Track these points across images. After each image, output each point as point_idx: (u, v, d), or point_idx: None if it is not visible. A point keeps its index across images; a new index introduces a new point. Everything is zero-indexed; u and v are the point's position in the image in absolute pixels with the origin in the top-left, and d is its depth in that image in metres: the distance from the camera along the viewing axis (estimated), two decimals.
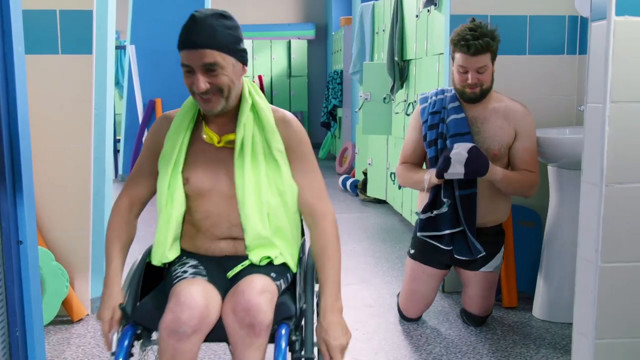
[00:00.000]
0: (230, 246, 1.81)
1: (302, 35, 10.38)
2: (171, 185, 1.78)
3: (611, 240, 1.81)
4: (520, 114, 2.66)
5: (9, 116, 1.75)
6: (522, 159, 2.65)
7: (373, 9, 5.74)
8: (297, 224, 1.88)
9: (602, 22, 1.76)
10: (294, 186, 1.81)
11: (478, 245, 2.61)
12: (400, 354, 2.58)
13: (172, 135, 1.79)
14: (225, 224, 1.79)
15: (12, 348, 1.81)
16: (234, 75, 1.71)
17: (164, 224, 1.78)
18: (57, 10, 2.78)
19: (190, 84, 1.70)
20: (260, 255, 1.76)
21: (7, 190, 1.75)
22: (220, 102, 1.71)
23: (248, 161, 1.75)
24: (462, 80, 2.60)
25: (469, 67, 2.55)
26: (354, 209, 5.45)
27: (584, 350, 1.90)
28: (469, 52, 2.52)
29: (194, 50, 1.66)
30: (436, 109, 2.72)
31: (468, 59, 2.54)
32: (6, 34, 1.71)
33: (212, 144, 1.78)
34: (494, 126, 2.63)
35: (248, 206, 1.73)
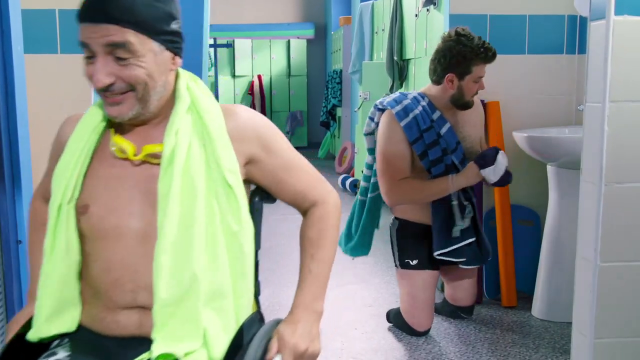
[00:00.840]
0: (135, 321, 1.20)
1: (301, 34, 10.38)
2: (60, 219, 1.20)
3: (610, 239, 1.81)
4: (479, 106, 2.75)
5: (8, 116, 1.75)
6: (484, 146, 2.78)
7: (372, 9, 5.74)
8: (251, 285, 1.28)
9: (602, 22, 1.76)
10: (251, 226, 1.26)
11: (489, 246, 2.69)
12: (399, 354, 2.58)
13: (71, 145, 1.27)
14: (130, 283, 1.18)
15: None
16: (156, 67, 1.18)
17: (44, 279, 1.21)
18: (57, 10, 2.77)
19: (90, 75, 1.25)
20: (169, 344, 1.14)
21: (6, 190, 1.75)
22: (133, 105, 1.18)
23: (178, 184, 1.16)
24: (474, 89, 2.58)
25: (483, 74, 2.58)
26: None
27: (583, 349, 1.90)
28: (492, 59, 2.55)
29: (94, 24, 1.18)
30: (427, 124, 2.56)
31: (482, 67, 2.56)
32: (5, 34, 1.71)
33: (127, 158, 1.22)
34: (470, 126, 2.68)
35: (163, 252, 1.13)
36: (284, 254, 4.06)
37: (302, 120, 10.36)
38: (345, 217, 5.00)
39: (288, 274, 3.62)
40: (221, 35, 9.86)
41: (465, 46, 2.50)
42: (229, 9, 10.40)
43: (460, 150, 2.59)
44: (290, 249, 4.16)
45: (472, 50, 2.50)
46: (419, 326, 2.72)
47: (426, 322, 2.73)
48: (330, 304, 3.14)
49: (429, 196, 2.58)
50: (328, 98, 8.75)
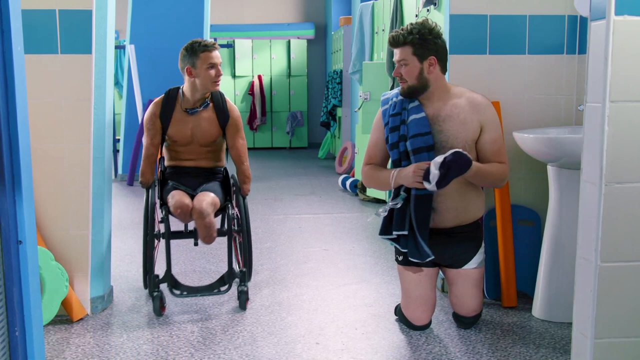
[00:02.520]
0: None
1: (301, 35, 10.38)
2: None
3: (610, 239, 1.81)
4: (483, 106, 2.64)
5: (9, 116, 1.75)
6: (491, 150, 2.65)
7: (373, 9, 5.74)
8: None
9: (602, 22, 1.76)
10: None
11: (427, 249, 2.58)
12: (399, 354, 2.58)
13: None
14: None
15: (11, 348, 1.81)
16: None
17: None
18: (57, 10, 2.78)
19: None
20: None
21: (6, 190, 1.75)
22: None
23: None
24: (393, 74, 2.71)
25: (394, 58, 2.67)
26: (353, 209, 5.45)
27: (583, 349, 1.90)
28: (388, 43, 2.69)
29: None
30: (397, 110, 2.69)
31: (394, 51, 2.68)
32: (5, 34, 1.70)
33: None
34: (456, 122, 2.62)
35: None
36: (284, 254, 4.06)
37: (302, 120, 10.36)
38: (347, 217, 5.01)
39: (288, 274, 3.62)
40: (221, 35, 9.86)
41: None
42: (230, 9, 10.40)
43: (424, 140, 2.58)
44: (291, 249, 4.16)
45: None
46: (415, 320, 2.76)
47: (421, 317, 2.75)
48: (331, 303, 3.14)
49: (379, 184, 2.75)
50: (328, 98, 8.76)
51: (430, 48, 2.59)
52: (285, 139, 10.41)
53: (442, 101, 2.65)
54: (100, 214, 2.98)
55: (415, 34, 2.57)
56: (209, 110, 3.18)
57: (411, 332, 2.78)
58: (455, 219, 2.67)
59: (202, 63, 3.05)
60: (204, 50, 3.05)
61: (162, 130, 3.16)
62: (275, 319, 2.94)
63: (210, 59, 3.06)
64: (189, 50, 3.06)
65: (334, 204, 5.69)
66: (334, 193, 6.26)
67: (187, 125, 3.15)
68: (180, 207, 2.97)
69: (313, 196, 6.10)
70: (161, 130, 3.16)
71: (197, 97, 3.13)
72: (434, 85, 2.63)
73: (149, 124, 3.15)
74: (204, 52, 3.05)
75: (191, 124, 3.15)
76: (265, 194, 6.19)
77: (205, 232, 2.99)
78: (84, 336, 2.74)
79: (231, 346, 2.62)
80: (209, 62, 3.06)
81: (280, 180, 7.12)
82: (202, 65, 3.05)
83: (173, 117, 3.13)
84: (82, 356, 2.55)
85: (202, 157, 3.23)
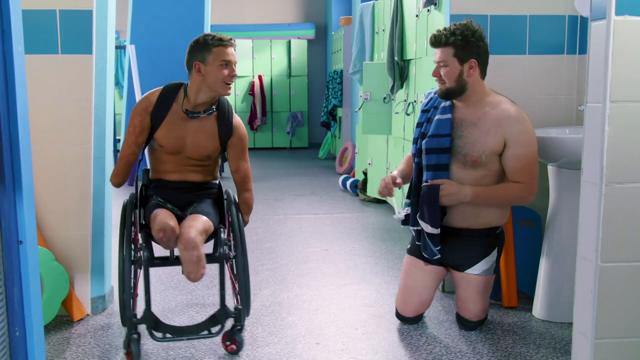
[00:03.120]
0: None
1: (302, 35, 10.38)
2: None
3: (611, 239, 1.81)
4: (512, 121, 2.54)
5: (9, 116, 1.75)
6: (512, 167, 2.56)
7: (373, 9, 5.74)
8: None
9: (602, 22, 1.76)
10: None
11: (432, 247, 2.61)
12: (400, 354, 2.58)
13: None
14: None
15: (12, 348, 1.81)
16: None
17: None
18: (57, 10, 2.78)
19: None
20: None
21: (7, 190, 1.75)
22: None
23: None
24: (432, 74, 2.68)
25: (434, 59, 2.64)
26: (353, 209, 5.45)
27: (584, 349, 1.90)
28: (430, 43, 2.66)
29: None
30: (428, 106, 2.73)
31: (435, 51, 2.64)
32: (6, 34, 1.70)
33: None
34: (480, 131, 2.56)
35: None
36: (284, 254, 4.06)
37: (303, 120, 10.35)
38: (348, 217, 5.01)
39: (288, 274, 3.62)
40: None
41: None
42: (230, 10, 10.40)
43: (439, 142, 2.59)
44: (291, 249, 4.16)
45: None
46: (399, 308, 2.85)
47: (404, 308, 2.82)
48: (331, 304, 3.14)
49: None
50: (329, 98, 8.75)
51: (472, 51, 2.55)
52: (285, 139, 10.41)
53: (476, 107, 2.61)
54: (100, 214, 2.98)
55: (458, 35, 2.54)
56: (211, 119, 2.66)
57: (412, 332, 2.78)
58: (463, 221, 2.66)
59: (214, 59, 2.56)
60: (218, 45, 2.56)
61: (150, 130, 2.64)
62: (275, 319, 2.94)
63: (225, 55, 2.57)
64: (201, 43, 2.58)
65: (334, 204, 5.69)
66: (334, 193, 6.26)
67: (181, 130, 2.62)
68: (163, 229, 2.41)
69: (313, 196, 6.10)
70: (149, 130, 2.64)
71: (201, 99, 2.61)
72: (471, 89, 2.59)
73: (136, 118, 2.61)
74: (217, 46, 2.56)
75: (187, 130, 2.63)
76: (265, 194, 6.19)
77: (190, 268, 2.39)
78: (84, 336, 2.74)
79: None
80: (223, 59, 2.56)
81: (281, 181, 7.12)
82: (214, 61, 2.56)
83: (167, 117, 2.62)
84: (82, 356, 2.55)
85: (190, 170, 2.70)
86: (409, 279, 2.81)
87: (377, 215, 5.17)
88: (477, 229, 2.66)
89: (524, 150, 2.55)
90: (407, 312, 2.83)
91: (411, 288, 2.80)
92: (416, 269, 2.78)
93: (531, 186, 2.57)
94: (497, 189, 2.59)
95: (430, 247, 2.63)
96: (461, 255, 2.69)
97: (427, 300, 2.81)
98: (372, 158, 5.61)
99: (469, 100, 2.62)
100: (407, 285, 2.82)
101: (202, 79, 2.58)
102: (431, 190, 2.55)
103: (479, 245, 2.68)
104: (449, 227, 2.66)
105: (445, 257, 2.70)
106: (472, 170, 2.58)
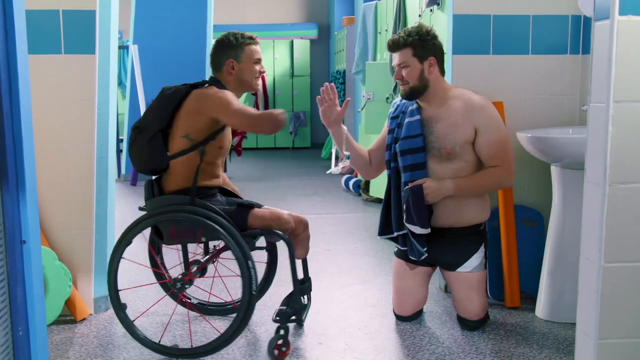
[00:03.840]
0: None
1: (304, 35, 10.38)
2: None
3: (614, 240, 1.81)
4: (478, 108, 2.63)
5: (12, 116, 1.75)
6: (487, 154, 2.63)
7: (376, 9, 5.73)
8: None
9: (606, 22, 1.75)
10: None
11: (419, 247, 2.64)
12: (402, 354, 2.58)
13: None
14: None
15: (15, 347, 1.81)
16: None
17: None
18: (60, 10, 2.78)
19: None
20: None
21: (10, 190, 1.75)
22: None
23: None
24: (394, 78, 2.75)
25: (394, 63, 2.71)
26: (356, 209, 5.45)
27: (587, 350, 1.90)
28: (387, 48, 2.72)
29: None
30: (396, 113, 2.81)
31: (392, 56, 2.73)
32: (9, 34, 1.71)
33: None
34: (447, 124, 2.64)
35: None
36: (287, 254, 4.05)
37: (305, 120, 10.36)
38: (350, 217, 5.00)
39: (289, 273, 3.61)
40: None
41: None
42: (232, 10, 10.40)
43: (412, 142, 2.65)
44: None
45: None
46: (398, 311, 2.91)
47: (403, 309, 2.88)
48: (334, 304, 3.13)
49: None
50: None
51: (429, 49, 2.66)
52: (288, 139, 10.41)
53: (440, 103, 2.69)
54: (103, 214, 2.98)
55: (414, 35, 2.64)
56: None
57: (414, 332, 2.78)
58: (448, 219, 2.69)
59: (247, 57, 2.63)
60: (250, 43, 2.66)
61: (211, 133, 2.53)
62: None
63: (257, 53, 2.68)
64: (233, 41, 2.63)
65: (336, 204, 5.69)
66: (336, 193, 6.26)
67: (228, 130, 2.67)
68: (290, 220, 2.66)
69: (316, 196, 6.10)
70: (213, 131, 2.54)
71: (237, 95, 2.64)
72: (433, 86, 2.67)
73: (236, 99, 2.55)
74: (249, 44, 2.65)
75: (228, 129, 2.68)
76: (268, 194, 6.19)
77: (307, 244, 2.83)
78: (87, 336, 2.74)
79: (234, 346, 2.62)
80: (256, 57, 2.67)
81: (283, 181, 7.12)
82: (248, 59, 2.64)
83: None
84: (85, 356, 2.55)
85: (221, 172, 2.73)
86: (401, 282, 2.87)
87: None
88: (462, 227, 2.71)
89: (496, 134, 2.63)
90: (404, 312, 2.89)
91: (404, 290, 2.87)
92: (405, 271, 2.85)
93: (509, 168, 2.65)
94: (477, 177, 2.64)
95: (417, 248, 2.66)
96: (450, 255, 2.73)
97: (421, 298, 2.89)
98: None
99: (433, 98, 2.69)
100: (400, 288, 2.88)
101: (236, 76, 2.63)
102: (415, 191, 2.58)
103: (465, 243, 2.72)
104: (435, 227, 2.69)
105: (434, 258, 2.74)
106: (449, 163, 2.64)
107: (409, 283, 2.85)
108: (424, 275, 2.85)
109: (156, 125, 2.53)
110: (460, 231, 2.70)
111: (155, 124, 2.53)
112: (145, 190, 2.60)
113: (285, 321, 2.55)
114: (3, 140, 1.73)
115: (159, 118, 2.54)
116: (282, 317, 2.56)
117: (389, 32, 5.03)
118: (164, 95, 2.57)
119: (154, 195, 2.56)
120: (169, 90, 2.58)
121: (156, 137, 2.52)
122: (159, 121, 2.53)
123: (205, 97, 2.50)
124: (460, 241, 2.72)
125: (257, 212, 2.59)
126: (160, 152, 2.53)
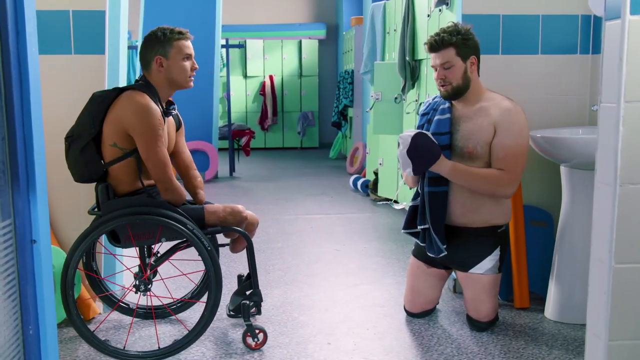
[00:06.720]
0: None
1: (313, 35, 10.38)
2: None
3: (625, 240, 1.80)
4: (502, 111, 2.59)
5: (23, 116, 1.76)
6: (497, 155, 2.59)
7: (384, 9, 5.73)
8: None
9: (617, 22, 1.74)
10: None
11: (439, 244, 2.65)
12: (411, 354, 2.57)
13: None
14: None
15: (25, 346, 1.82)
16: None
17: None
18: (70, 11, 2.80)
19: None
20: None
21: (21, 190, 1.77)
22: None
23: None
24: (435, 78, 2.70)
25: (435, 63, 2.66)
26: (364, 209, 5.44)
27: (597, 351, 1.89)
28: (429, 49, 2.67)
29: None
30: (426, 110, 2.81)
31: (433, 56, 2.67)
32: (20, 35, 1.72)
33: None
34: (473, 124, 2.62)
35: None
36: (295, 254, 4.06)
37: (314, 120, 10.36)
38: (359, 217, 5.00)
39: (299, 274, 3.62)
40: (233, 35, 9.88)
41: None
42: (241, 10, 10.42)
43: (439, 139, 2.64)
44: (302, 249, 4.16)
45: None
46: (408, 307, 2.95)
47: (414, 307, 2.92)
48: (343, 304, 3.13)
49: (406, 179, 2.86)
50: (339, 98, 8.75)
51: (471, 47, 2.63)
52: (296, 139, 10.42)
53: (473, 103, 2.67)
54: None
55: (456, 34, 2.60)
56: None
57: (423, 332, 2.77)
58: (463, 217, 2.68)
59: (176, 53, 2.50)
60: (179, 39, 2.51)
61: None
62: (286, 318, 2.94)
63: (187, 48, 2.53)
64: (160, 37, 2.50)
65: (345, 204, 5.69)
66: (345, 193, 6.25)
67: (166, 131, 2.54)
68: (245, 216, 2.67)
69: (324, 196, 6.10)
70: None
71: (166, 95, 2.56)
72: (472, 86, 2.66)
73: (162, 126, 2.45)
74: (178, 40, 2.50)
75: (168, 131, 2.59)
76: (276, 194, 6.19)
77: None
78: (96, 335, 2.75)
79: (242, 346, 2.62)
80: (186, 53, 2.52)
81: (291, 181, 7.12)
82: (176, 55, 2.50)
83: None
84: (94, 355, 2.56)
85: None
86: (415, 280, 2.90)
87: (388, 216, 5.16)
88: (478, 227, 2.69)
89: (511, 141, 2.57)
90: (414, 309, 2.94)
91: (417, 289, 2.90)
92: (419, 270, 2.87)
93: (512, 176, 2.58)
94: (477, 169, 2.61)
95: (436, 244, 2.65)
96: (464, 255, 2.71)
97: (433, 299, 2.91)
98: (383, 158, 5.60)
99: (468, 98, 2.68)
100: (412, 286, 2.91)
101: (165, 74, 2.51)
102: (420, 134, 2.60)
103: (480, 244, 2.70)
104: (450, 225, 2.69)
105: (448, 258, 2.73)
106: (471, 162, 2.63)
107: (423, 282, 2.87)
108: (439, 277, 2.86)
109: (87, 134, 2.46)
110: (476, 231, 2.69)
111: (86, 133, 2.46)
112: (101, 193, 2.51)
113: (248, 315, 2.63)
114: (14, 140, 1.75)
115: (89, 126, 2.46)
116: (245, 311, 2.63)
117: (397, 32, 5.02)
118: (93, 101, 2.49)
119: (109, 198, 2.50)
120: (99, 96, 2.49)
121: (89, 146, 2.47)
122: (89, 129, 2.46)
123: (131, 110, 2.40)
124: (475, 241, 2.69)
125: (210, 208, 2.62)
126: (95, 161, 2.49)
